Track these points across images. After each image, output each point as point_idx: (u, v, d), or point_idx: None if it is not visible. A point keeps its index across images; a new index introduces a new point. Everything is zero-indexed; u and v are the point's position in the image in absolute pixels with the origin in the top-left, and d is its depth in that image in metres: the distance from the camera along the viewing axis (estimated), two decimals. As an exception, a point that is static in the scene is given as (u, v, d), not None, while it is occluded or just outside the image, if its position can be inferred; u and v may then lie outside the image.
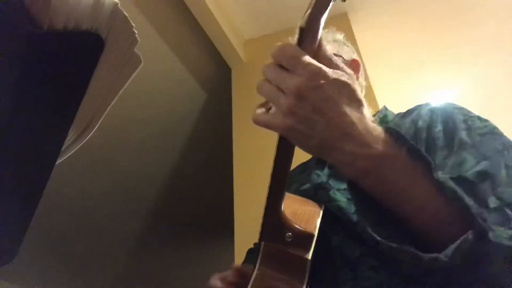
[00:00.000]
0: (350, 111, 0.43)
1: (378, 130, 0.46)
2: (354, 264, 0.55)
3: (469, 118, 0.59)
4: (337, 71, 0.44)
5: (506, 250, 0.41)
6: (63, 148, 0.40)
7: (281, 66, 0.43)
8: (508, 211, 0.43)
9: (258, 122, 0.46)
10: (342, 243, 0.57)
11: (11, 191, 0.37)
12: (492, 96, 2.78)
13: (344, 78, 0.44)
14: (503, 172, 0.48)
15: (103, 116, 0.42)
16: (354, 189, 0.48)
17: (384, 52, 2.47)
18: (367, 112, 0.46)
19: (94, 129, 0.43)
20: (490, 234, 0.40)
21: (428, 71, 2.64)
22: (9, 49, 0.32)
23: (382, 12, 2.24)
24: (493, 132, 0.56)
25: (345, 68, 0.46)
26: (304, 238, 0.53)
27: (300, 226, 0.54)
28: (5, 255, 0.38)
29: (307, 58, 0.43)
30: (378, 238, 0.45)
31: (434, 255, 0.42)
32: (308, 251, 0.52)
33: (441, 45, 2.47)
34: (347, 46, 0.91)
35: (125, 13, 0.36)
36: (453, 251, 0.41)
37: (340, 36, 0.91)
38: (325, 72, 0.42)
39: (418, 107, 0.69)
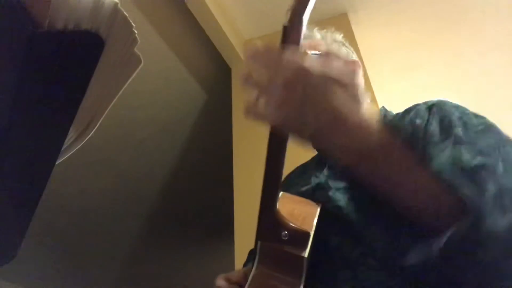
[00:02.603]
0: (342, 102, 0.42)
1: (373, 121, 0.45)
2: (354, 264, 0.55)
3: (465, 115, 0.59)
4: (328, 60, 0.43)
5: (503, 238, 0.40)
6: (63, 148, 0.39)
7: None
8: (507, 197, 0.43)
9: (249, 115, 0.45)
10: (342, 243, 0.57)
11: (11, 191, 0.37)
12: (492, 96, 2.78)
13: (336, 64, 0.43)
14: (500, 166, 0.48)
15: (103, 116, 0.42)
16: (353, 183, 0.48)
17: (384, 52, 2.46)
18: (365, 101, 0.45)
19: (94, 129, 0.43)
20: (487, 221, 0.40)
21: (428, 71, 2.64)
22: (9, 49, 0.32)
23: (382, 12, 2.24)
24: (489, 129, 0.56)
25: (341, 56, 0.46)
26: (300, 236, 0.53)
27: (296, 225, 0.54)
28: (5, 255, 0.38)
29: (293, 51, 0.43)
30: (372, 230, 0.45)
31: (427, 242, 0.42)
32: (304, 249, 0.52)
33: (441, 45, 2.47)
34: (346, 47, 0.89)
35: (125, 13, 0.36)
36: (448, 238, 0.41)
37: (339, 37, 0.89)
38: (312, 63, 0.42)
39: (415, 106, 0.70)
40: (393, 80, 2.66)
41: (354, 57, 0.88)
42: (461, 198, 0.42)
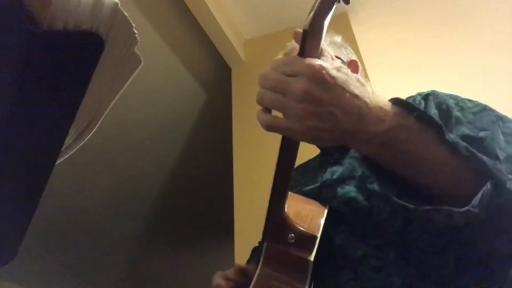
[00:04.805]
0: (359, 92, 0.44)
1: (387, 103, 0.47)
2: (355, 264, 0.55)
3: (460, 101, 0.62)
4: (334, 62, 0.46)
5: None
6: (63, 148, 0.39)
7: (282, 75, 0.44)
8: None
9: (272, 128, 0.45)
10: (345, 243, 0.57)
11: (11, 191, 0.37)
12: (493, 97, 2.78)
13: (340, 65, 0.45)
14: (501, 138, 0.50)
15: (103, 116, 0.42)
16: (372, 167, 0.49)
17: (384, 52, 2.46)
18: (370, 88, 0.47)
19: (94, 129, 0.43)
20: (508, 184, 0.42)
21: (428, 71, 2.64)
22: (9, 49, 0.32)
23: (382, 12, 2.24)
24: (484, 109, 0.58)
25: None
26: (306, 239, 0.53)
27: (303, 227, 0.54)
28: (5, 255, 0.38)
29: (304, 59, 0.43)
30: (410, 205, 0.44)
31: (466, 208, 0.42)
32: (310, 252, 0.52)
33: (441, 45, 2.47)
34: (345, 47, 0.90)
35: (125, 13, 0.36)
36: (479, 202, 0.42)
37: (337, 38, 0.90)
38: (322, 64, 0.43)
39: (410, 97, 0.72)
40: (393, 80, 2.66)
41: (354, 57, 0.89)
42: (480, 165, 0.43)
